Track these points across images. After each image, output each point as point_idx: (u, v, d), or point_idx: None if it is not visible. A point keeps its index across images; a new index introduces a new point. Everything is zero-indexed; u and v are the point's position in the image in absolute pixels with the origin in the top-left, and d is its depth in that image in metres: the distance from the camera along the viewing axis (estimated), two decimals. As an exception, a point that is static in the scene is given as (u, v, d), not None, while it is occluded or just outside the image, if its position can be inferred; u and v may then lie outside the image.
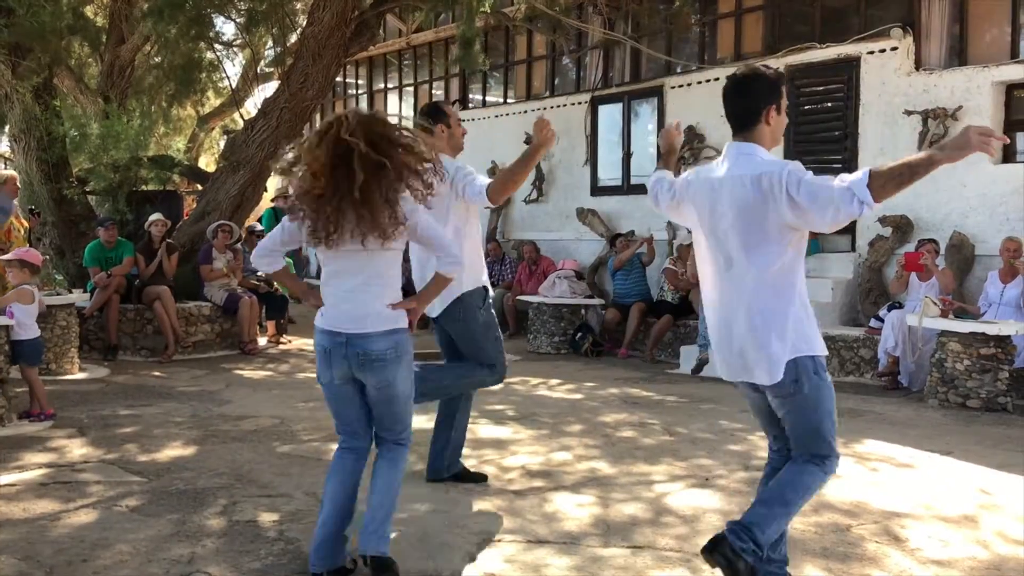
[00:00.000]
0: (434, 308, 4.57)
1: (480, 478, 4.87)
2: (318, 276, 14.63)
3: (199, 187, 12.17)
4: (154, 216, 9.75)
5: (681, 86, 11.38)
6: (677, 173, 3.61)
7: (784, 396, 3.13)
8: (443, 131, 4.52)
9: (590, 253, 12.17)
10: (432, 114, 4.57)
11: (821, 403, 3.13)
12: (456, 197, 4.39)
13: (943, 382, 7.34)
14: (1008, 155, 8.85)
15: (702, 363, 8.76)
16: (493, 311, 4.71)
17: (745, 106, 3.19)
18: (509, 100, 14.25)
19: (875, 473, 5.20)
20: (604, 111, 12.34)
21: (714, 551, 3.06)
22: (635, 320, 10.24)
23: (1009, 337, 7.22)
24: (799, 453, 3.21)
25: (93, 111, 12.40)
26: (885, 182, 2.82)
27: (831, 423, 3.17)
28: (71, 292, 8.57)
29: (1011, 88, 8.78)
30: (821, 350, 3.13)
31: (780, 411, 3.20)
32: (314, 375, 3.70)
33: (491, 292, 4.68)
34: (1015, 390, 7.38)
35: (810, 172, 3.01)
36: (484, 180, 4.38)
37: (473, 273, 4.51)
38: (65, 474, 4.88)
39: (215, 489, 4.59)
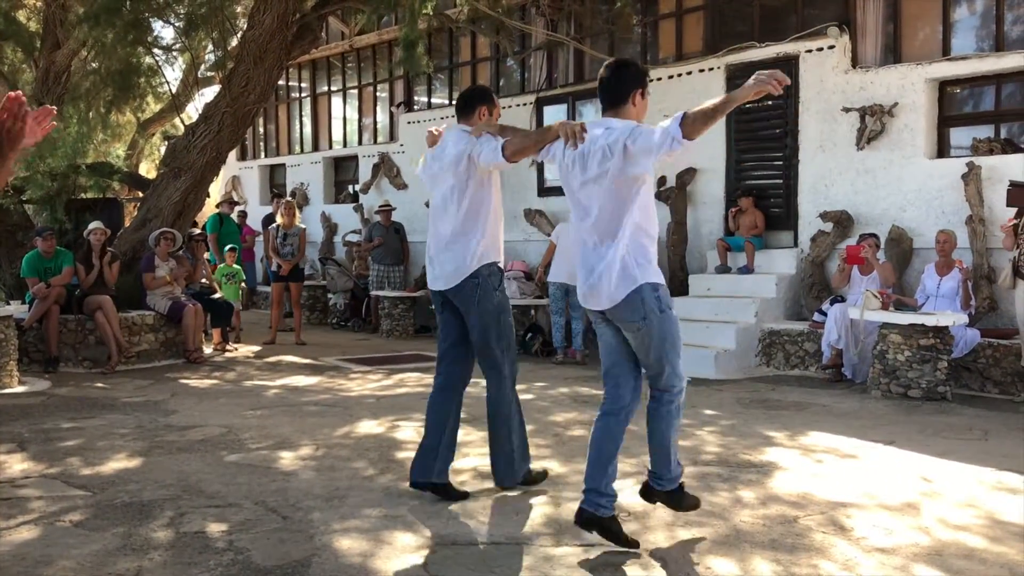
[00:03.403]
0: (438, 282, 4.53)
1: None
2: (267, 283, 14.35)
3: (140, 194, 11.98)
4: (93, 225, 9.55)
5: (625, 86, 11.45)
6: None
7: (630, 322, 3.68)
8: (484, 115, 4.62)
9: (538, 254, 12.17)
10: (480, 96, 4.69)
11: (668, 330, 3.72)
12: (475, 167, 4.39)
13: (885, 373, 7.50)
14: (943, 150, 9.08)
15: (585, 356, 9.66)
16: (508, 296, 4.65)
17: (617, 88, 3.76)
18: (455, 102, 14.22)
19: (820, 465, 5.29)
20: (549, 112, 12.37)
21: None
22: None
23: (947, 328, 7.40)
24: (650, 378, 3.82)
25: (28, 118, 12.12)
26: (693, 121, 3.41)
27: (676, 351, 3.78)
28: (9, 304, 8.37)
29: (944, 84, 9.01)
30: (661, 280, 3.74)
31: (632, 341, 3.76)
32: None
33: (505, 274, 4.60)
34: (953, 379, 7.58)
35: (652, 128, 3.56)
36: (497, 142, 4.31)
37: (494, 245, 4.50)
38: (5, 490, 4.75)
39: (162, 501, 4.51)
